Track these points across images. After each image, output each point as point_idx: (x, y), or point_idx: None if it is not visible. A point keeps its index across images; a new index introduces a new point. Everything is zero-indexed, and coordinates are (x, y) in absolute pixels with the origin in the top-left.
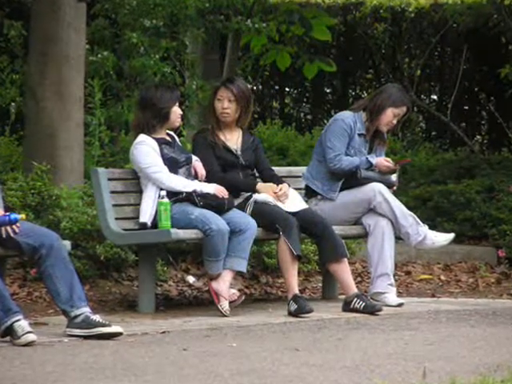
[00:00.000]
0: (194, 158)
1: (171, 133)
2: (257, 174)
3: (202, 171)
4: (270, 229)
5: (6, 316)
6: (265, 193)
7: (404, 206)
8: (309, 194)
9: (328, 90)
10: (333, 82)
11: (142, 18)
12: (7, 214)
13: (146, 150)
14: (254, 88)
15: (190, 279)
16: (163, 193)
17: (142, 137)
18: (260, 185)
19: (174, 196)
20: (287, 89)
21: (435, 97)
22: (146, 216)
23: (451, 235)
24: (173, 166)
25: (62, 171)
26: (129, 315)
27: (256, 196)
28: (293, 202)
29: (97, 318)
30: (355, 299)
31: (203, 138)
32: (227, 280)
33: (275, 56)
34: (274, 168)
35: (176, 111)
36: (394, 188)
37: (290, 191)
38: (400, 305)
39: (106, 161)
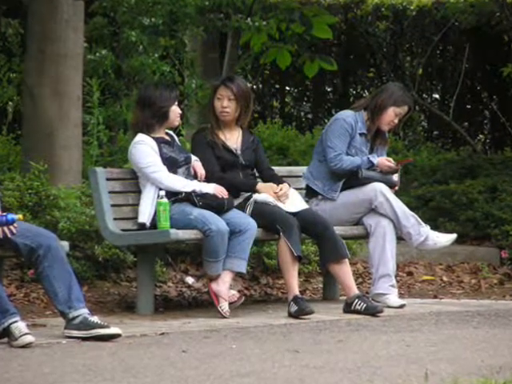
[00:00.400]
0: (194, 157)
1: (170, 132)
2: (257, 174)
3: (201, 171)
4: (270, 229)
5: (3, 317)
6: (265, 193)
7: (406, 206)
8: (309, 194)
9: (329, 89)
10: (334, 80)
11: (141, 16)
12: (4, 214)
13: (145, 150)
14: (254, 87)
15: (189, 280)
16: (162, 193)
17: (140, 136)
18: (260, 185)
19: (173, 196)
20: (287, 88)
21: (437, 96)
22: (145, 216)
23: (453, 236)
24: (172, 165)
25: (59, 171)
26: (127, 316)
27: (256, 196)
28: (293, 202)
29: (95, 319)
30: (356, 300)
31: (203, 137)
32: (227, 281)
33: (275, 54)
34: (274, 168)
35: (175, 110)
36: (396, 188)
37: (290, 191)
38: (402, 306)
39: (105, 160)
